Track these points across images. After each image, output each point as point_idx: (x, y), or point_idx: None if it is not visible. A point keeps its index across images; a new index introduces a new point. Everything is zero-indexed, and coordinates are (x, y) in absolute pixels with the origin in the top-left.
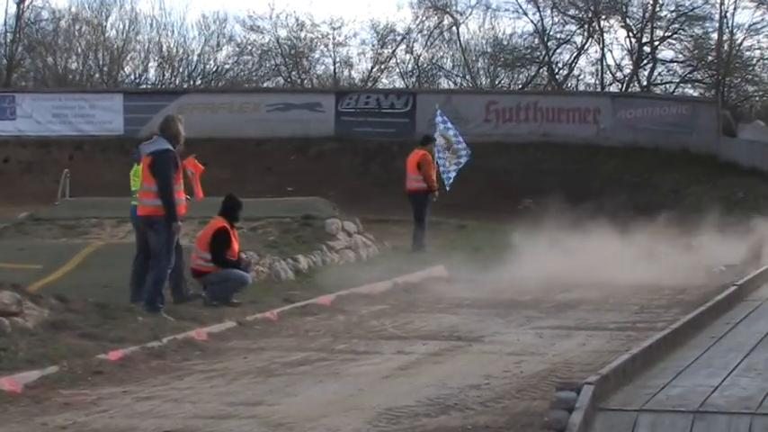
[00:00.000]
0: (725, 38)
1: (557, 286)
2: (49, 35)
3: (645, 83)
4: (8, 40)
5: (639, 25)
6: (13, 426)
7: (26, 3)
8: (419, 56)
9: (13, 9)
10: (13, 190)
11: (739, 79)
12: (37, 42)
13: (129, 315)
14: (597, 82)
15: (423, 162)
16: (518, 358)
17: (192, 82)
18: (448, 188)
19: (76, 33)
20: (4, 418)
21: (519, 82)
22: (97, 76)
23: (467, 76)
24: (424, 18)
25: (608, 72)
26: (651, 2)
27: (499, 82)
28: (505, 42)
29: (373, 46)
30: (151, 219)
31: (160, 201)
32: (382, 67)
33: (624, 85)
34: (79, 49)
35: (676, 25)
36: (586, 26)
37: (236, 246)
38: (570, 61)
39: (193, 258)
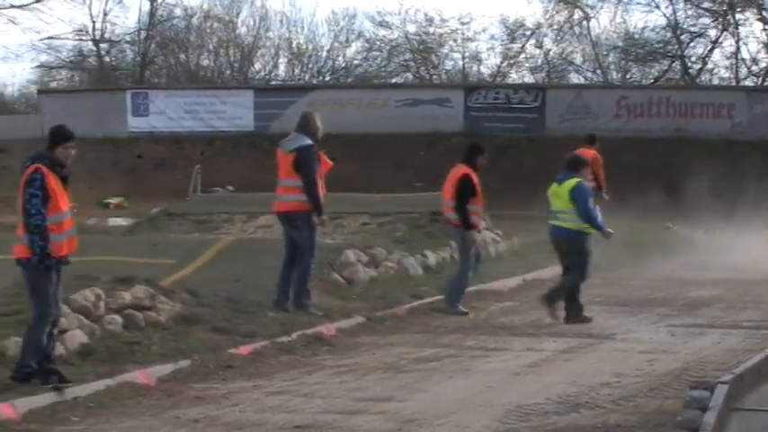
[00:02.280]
0: None
1: (692, 283)
2: (181, 32)
3: None
4: (142, 38)
5: None
6: (147, 418)
7: (159, 0)
8: (549, 51)
9: (146, 7)
10: (146, 185)
11: None
12: (169, 40)
13: (260, 310)
14: (732, 76)
15: (594, 161)
16: (650, 356)
17: (321, 78)
18: None
19: (208, 30)
20: (138, 411)
21: (651, 76)
22: (228, 72)
23: (597, 71)
24: (554, 12)
25: (743, 66)
26: None
27: (630, 76)
28: (637, 36)
29: (502, 41)
30: (292, 215)
31: (304, 196)
32: (511, 62)
33: (760, 78)
34: (211, 46)
35: None
36: (721, 19)
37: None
38: (704, 55)
39: (445, 211)
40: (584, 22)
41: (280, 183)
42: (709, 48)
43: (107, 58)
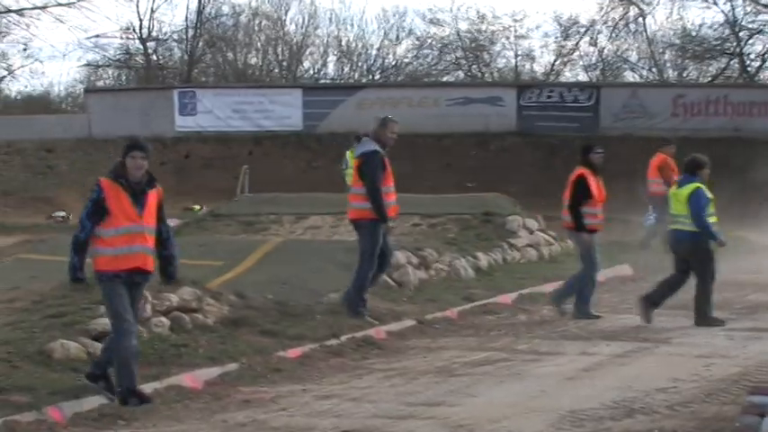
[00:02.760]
0: None
1: (750, 286)
2: (229, 30)
3: None
4: (189, 36)
5: None
6: (194, 422)
7: None
8: (603, 48)
9: (194, 5)
10: (193, 185)
11: None
12: (217, 38)
13: (308, 312)
14: None
15: (664, 166)
16: (707, 361)
17: (370, 76)
18: None
19: (256, 28)
20: (185, 415)
21: (708, 74)
22: (276, 70)
23: (653, 69)
24: (609, 9)
25: None
26: None
27: (687, 74)
28: (694, 33)
29: (556, 38)
30: (358, 222)
31: (369, 204)
32: (565, 59)
33: None
34: (259, 44)
35: None
36: None
37: (597, 193)
38: (763, 52)
39: (562, 213)
40: (640, 19)
41: (351, 189)
42: None
43: (154, 57)
